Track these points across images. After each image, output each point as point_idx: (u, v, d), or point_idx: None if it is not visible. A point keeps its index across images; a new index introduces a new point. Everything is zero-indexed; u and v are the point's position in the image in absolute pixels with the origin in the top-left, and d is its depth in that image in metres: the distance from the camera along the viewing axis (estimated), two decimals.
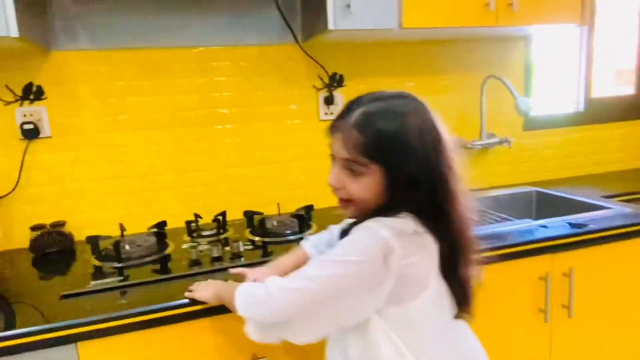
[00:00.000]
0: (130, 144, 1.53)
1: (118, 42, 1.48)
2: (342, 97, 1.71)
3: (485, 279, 1.28)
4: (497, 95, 1.86)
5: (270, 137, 1.66)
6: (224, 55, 1.58)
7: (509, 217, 1.60)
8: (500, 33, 1.77)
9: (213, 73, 1.58)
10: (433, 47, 1.80)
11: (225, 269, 1.19)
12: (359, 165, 0.79)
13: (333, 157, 0.84)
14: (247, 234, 1.46)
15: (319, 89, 1.69)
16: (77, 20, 1.44)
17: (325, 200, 1.68)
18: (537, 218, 1.48)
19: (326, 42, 1.59)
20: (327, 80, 1.69)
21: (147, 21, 1.49)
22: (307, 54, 1.64)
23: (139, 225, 1.50)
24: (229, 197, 1.64)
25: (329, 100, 1.69)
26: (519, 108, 1.67)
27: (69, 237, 1.44)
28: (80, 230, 1.49)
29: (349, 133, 0.79)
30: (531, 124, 2.00)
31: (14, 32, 1.12)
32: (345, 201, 0.84)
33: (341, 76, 1.71)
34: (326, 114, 1.68)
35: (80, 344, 0.98)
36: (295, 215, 1.47)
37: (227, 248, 1.31)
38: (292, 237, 1.40)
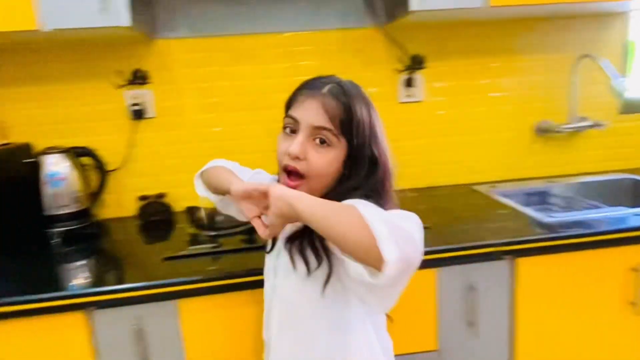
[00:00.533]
0: (222, 124, 1.63)
1: (213, 30, 1.57)
2: (422, 79, 1.68)
3: (572, 267, 1.22)
4: (590, 76, 1.72)
5: None
6: (307, 40, 1.62)
7: (600, 205, 1.50)
8: (596, 9, 1.63)
9: (297, 57, 1.63)
10: (521, 25, 1.71)
11: None
12: (332, 136, 0.76)
13: (293, 127, 0.79)
14: None
15: (399, 71, 1.67)
16: (177, 10, 1.54)
17: (407, 181, 1.68)
18: (632, 207, 1.37)
19: (407, 23, 1.57)
20: (407, 62, 1.67)
21: (238, 10, 1.57)
22: (389, 37, 1.63)
23: None
24: None
25: (409, 83, 1.67)
26: (613, 89, 1.54)
27: (169, 208, 1.58)
28: (178, 201, 1.63)
29: (328, 100, 0.76)
30: (629, 108, 1.83)
31: (126, 21, 1.23)
32: (298, 176, 0.78)
33: (422, 58, 1.68)
34: (407, 95, 1.67)
35: (180, 301, 1.08)
36: None
37: None
38: None
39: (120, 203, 1.63)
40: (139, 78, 1.56)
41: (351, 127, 0.76)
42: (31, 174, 1.41)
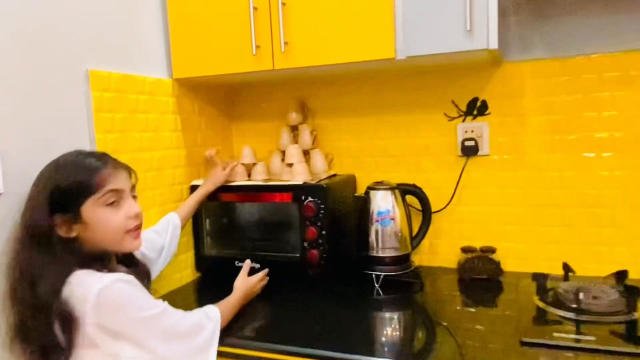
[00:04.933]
0: (576, 168, 1.33)
1: (579, 48, 1.30)
2: None
3: None
4: None
5: None
6: None
7: None
8: None
9: None
10: None
11: None
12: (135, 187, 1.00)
13: (117, 198, 0.93)
14: None
15: None
16: (532, 27, 1.34)
17: None
18: None
19: None
20: None
21: (623, 17, 1.26)
22: None
23: (576, 266, 1.29)
24: None
25: None
26: None
27: (498, 266, 1.36)
28: (508, 259, 1.40)
29: (121, 164, 0.97)
30: None
31: (493, 43, 1.09)
32: (139, 227, 0.97)
33: None
34: None
35: None
36: None
37: None
38: None
39: (436, 250, 1.50)
40: (476, 109, 1.42)
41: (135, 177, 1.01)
42: (356, 208, 1.42)
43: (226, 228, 1.48)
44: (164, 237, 1.25)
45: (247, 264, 1.33)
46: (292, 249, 1.38)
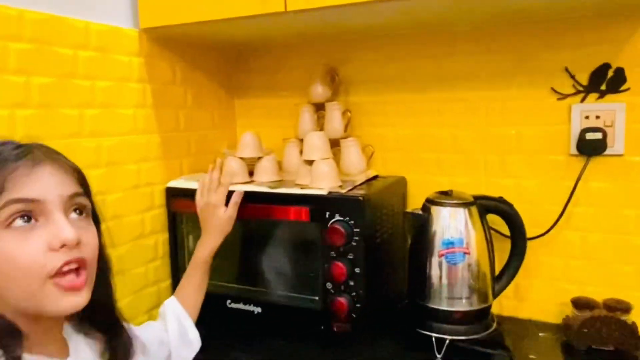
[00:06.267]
0: None
1: None
2: None
3: None
4: None
5: None
6: None
7: None
8: None
9: None
10: None
11: None
12: (85, 197, 0.58)
13: (29, 213, 0.51)
14: None
15: None
16: None
17: None
18: None
19: None
20: None
21: None
22: None
23: None
24: None
25: None
26: None
27: (634, 332, 0.87)
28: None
29: (58, 158, 0.57)
30: None
31: None
32: (80, 265, 0.54)
33: None
34: None
35: None
36: None
37: None
38: None
39: (526, 295, 1.02)
40: (605, 82, 0.92)
41: (86, 185, 0.60)
42: (406, 230, 0.96)
43: (216, 252, 1.04)
44: (164, 331, 0.81)
45: None
46: (309, 291, 0.94)
